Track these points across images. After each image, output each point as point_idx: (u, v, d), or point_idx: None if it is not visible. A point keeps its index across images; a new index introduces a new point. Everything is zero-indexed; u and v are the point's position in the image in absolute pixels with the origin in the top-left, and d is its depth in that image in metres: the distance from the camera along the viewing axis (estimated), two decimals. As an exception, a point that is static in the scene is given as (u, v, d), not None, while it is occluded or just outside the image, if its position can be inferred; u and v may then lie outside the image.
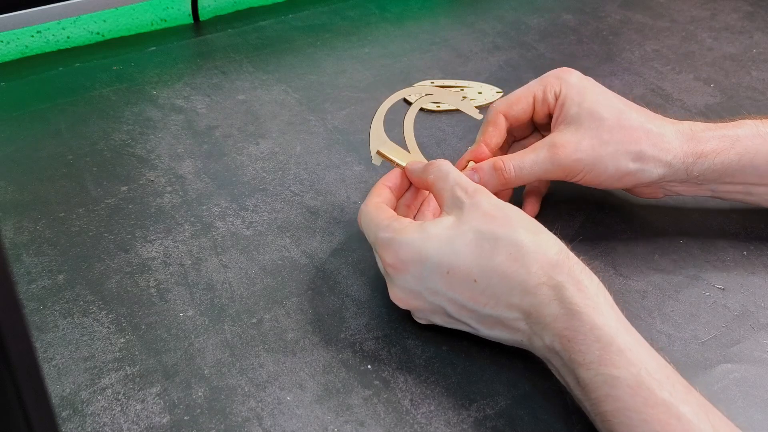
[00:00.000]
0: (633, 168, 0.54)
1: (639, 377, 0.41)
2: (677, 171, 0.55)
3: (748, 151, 0.54)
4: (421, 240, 0.47)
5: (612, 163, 0.54)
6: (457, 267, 0.46)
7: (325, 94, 0.77)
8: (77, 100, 0.76)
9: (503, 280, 0.45)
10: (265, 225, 0.61)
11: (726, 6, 0.92)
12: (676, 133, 0.55)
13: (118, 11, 0.86)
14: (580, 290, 0.44)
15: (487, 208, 0.47)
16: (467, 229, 0.47)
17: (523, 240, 0.45)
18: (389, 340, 0.52)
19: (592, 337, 0.42)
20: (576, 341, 0.43)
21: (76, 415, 0.47)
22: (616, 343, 0.42)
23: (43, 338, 0.51)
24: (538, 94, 0.57)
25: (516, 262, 0.45)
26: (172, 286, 0.55)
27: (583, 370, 0.42)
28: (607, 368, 0.41)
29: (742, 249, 0.59)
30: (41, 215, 0.61)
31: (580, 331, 0.43)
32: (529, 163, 0.55)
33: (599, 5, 0.92)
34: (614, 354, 0.41)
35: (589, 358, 0.42)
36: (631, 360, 0.41)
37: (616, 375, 0.41)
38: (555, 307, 0.44)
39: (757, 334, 0.52)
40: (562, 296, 0.44)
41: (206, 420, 0.46)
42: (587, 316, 0.43)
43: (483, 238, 0.46)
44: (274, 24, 0.89)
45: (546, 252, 0.45)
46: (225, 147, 0.69)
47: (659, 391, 0.40)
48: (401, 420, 0.47)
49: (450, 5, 0.94)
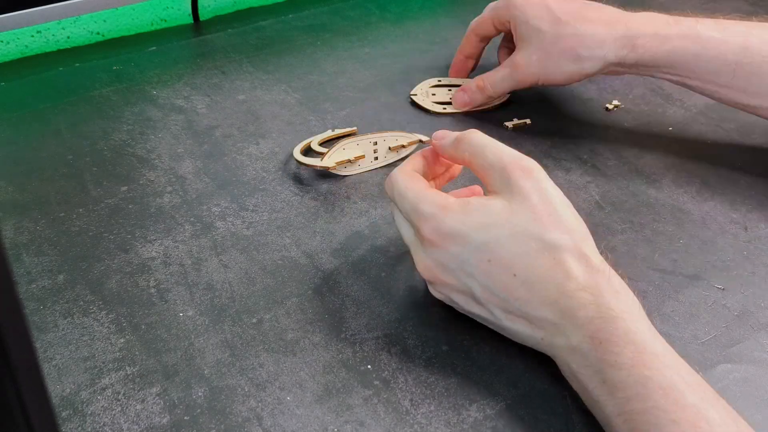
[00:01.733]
0: (575, 68, 0.66)
1: (672, 380, 0.41)
2: (612, 64, 0.66)
3: (676, 52, 0.64)
4: (467, 222, 0.47)
5: (557, 69, 0.67)
6: (500, 258, 0.46)
7: (325, 94, 0.77)
8: (77, 100, 0.76)
9: (543, 280, 0.45)
10: (265, 225, 0.61)
11: (726, 6, 0.92)
12: (609, 26, 0.65)
13: (118, 11, 0.86)
14: (616, 298, 0.44)
15: (535, 200, 0.47)
16: (516, 222, 0.46)
17: (569, 244, 0.46)
18: (389, 340, 0.52)
19: (626, 339, 0.43)
20: (610, 343, 0.43)
21: (76, 415, 0.47)
22: (650, 348, 0.42)
23: (43, 338, 0.51)
24: (494, 18, 0.72)
25: (559, 266, 0.45)
26: (172, 286, 0.55)
27: (614, 370, 0.42)
28: (639, 369, 0.42)
29: (741, 249, 0.59)
30: (41, 215, 0.61)
31: (615, 333, 0.43)
32: (499, 79, 0.70)
33: (599, 5, 0.92)
34: (648, 356, 0.42)
35: (621, 360, 0.42)
36: (665, 363, 0.42)
37: (648, 375, 0.41)
38: (592, 310, 0.44)
39: (757, 334, 0.52)
40: (600, 301, 0.44)
41: (206, 420, 0.46)
42: (623, 321, 0.43)
43: (530, 237, 0.46)
44: (274, 24, 0.89)
45: (588, 258, 0.46)
46: (225, 147, 0.69)
47: (690, 394, 0.41)
48: (401, 420, 0.47)
49: (450, 5, 0.94)
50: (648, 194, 0.64)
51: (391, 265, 0.57)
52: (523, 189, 0.47)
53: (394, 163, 0.67)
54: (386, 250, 0.58)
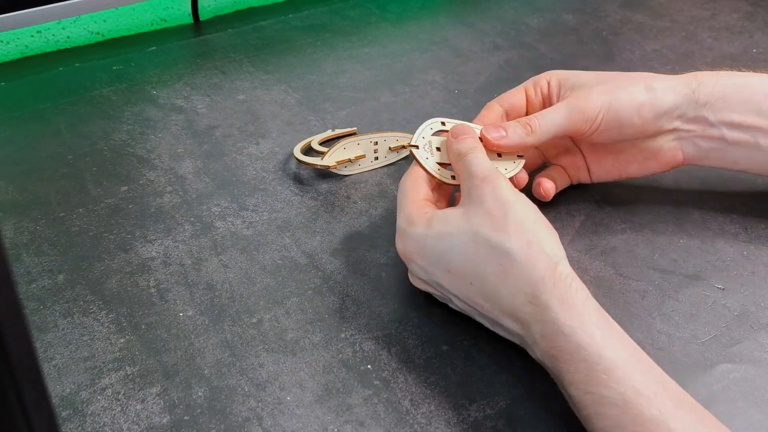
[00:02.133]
0: (647, 97, 0.55)
1: (626, 396, 0.40)
2: (687, 98, 0.56)
3: (744, 84, 0.57)
4: (426, 236, 0.49)
5: (627, 95, 0.55)
6: (456, 267, 0.47)
7: (325, 94, 0.77)
8: (77, 100, 0.76)
9: (495, 289, 0.46)
10: (265, 225, 0.61)
11: (726, 6, 0.92)
12: (672, 75, 0.58)
13: (118, 11, 0.86)
14: (564, 309, 0.43)
15: (490, 204, 0.47)
16: (467, 228, 0.47)
17: (513, 251, 0.45)
18: (389, 340, 0.52)
19: (578, 356, 0.42)
20: (562, 360, 0.43)
21: (76, 415, 0.47)
22: (603, 362, 0.42)
23: (43, 338, 0.51)
24: (528, 86, 0.59)
25: (505, 275, 0.46)
26: (172, 286, 0.55)
27: (573, 388, 0.43)
28: (595, 387, 0.41)
29: (742, 249, 0.59)
30: (41, 215, 0.61)
31: (566, 350, 0.43)
32: (550, 113, 0.55)
33: (599, 5, 0.92)
34: (601, 373, 0.41)
35: (576, 378, 0.42)
36: (619, 378, 0.41)
37: (604, 394, 0.41)
38: (540, 326, 0.44)
39: (757, 334, 0.52)
40: (547, 316, 0.44)
41: (206, 420, 0.46)
42: (572, 336, 0.43)
43: (479, 243, 0.46)
44: (274, 24, 0.89)
45: (534, 267, 0.45)
46: (225, 147, 0.69)
47: (648, 409, 0.40)
48: (401, 420, 0.47)
49: (450, 5, 0.94)
50: (648, 194, 0.64)
51: (391, 265, 0.57)
52: (480, 194, 0.48)
53: (395, 163, 0.67)
54: (386, 250, 0.58)
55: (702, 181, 0.65)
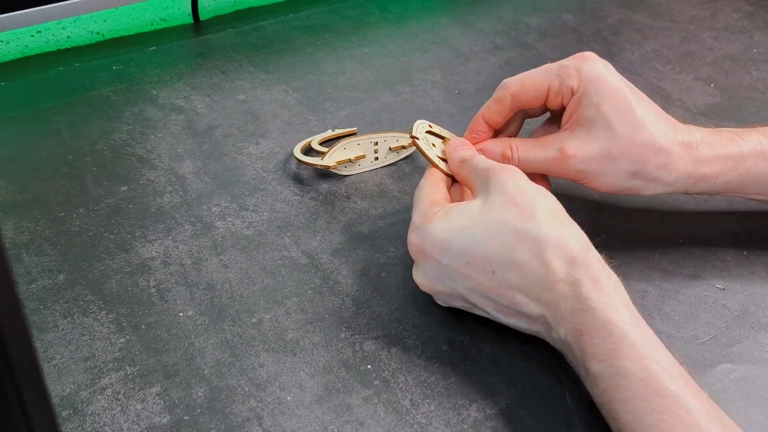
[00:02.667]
0: (633, 184, 0.54)
1: (650, 369, 0.41)
2: (677, 189, 0.55)
3: (750, 171, 0.54)
4: (444, 231, 0.48)
5: (614, 178, 0.54)
6: (477, 257, 0.47)
7: (325, 94, 0.77)
8: (77, 100, 0.76)
9: (522, 274, 0.46)
10: (265, 225, 0.61)
11: (726, 6, 0.92)
12: (682, 154, 0.53)
13: (118, 11, 0.86)
14: (596, 288, 0.44)
15: (513, 191, 0.47)
16: (490, 218, 0.47)
17: (546, 235, 0.46)
18: (389, 340, 0.52)
19: (605, 331, 0.43)
20: (589, 335, 0.43)
21: (76, 414, 0.47)
22: (629, 339, 0.42)
23: (43, 338, 0.51)
24: (553, 85, 0.54)
25: (536, 258, 0.45)
26: (172, 286, 0.55)
27: (595, 362, 0.43)
28: (618, 360, 0.42)
29: (742, 249, 0.59)
30: (41, 215, 0.61)
31: (594, 325, 0.43)
32: (537, 159, 0.54)
33: (599, 5, 0.92)
34: (627, 347, 0.42)
35: (601, 351, 0.42)
36: (644, 354, 0.42)
37: (627, 366, 0.41)
38: (571, 302, 0.44)
39: (757, 334, 0.52)
40: (579, 293, 0.44)
41: (206, 420, 0.46)
42: (601, 312, 0.43)
43: (506, 230, 0.46)
44: (274, 24, 0.89)
45: (567, 248, 0.45)
46: (225, 147, 0.69)
47: (670, 384, 0.41)
48: (401, 420, 0.47)
49: (450, 5, 0.94)
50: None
51: (391, 265, 0.57)
52: (500, 182, 0.48)
53: (395, 163, 0.67)
54: (386, 250, 0.58)
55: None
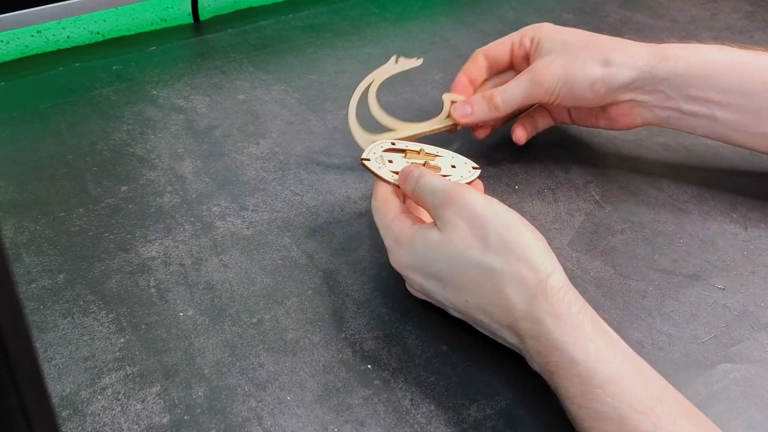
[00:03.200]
0: (601, 73, 0.59)
1: (621, 411, 0.40)
2: (644, 74, 0.59)
3: (709, 62, 0.58)
4: (414, 259, 0.49)
5: (581, 71, 0.59)
6: (452, 285, 0.48)
7: (325, 94, 0.77)
8: (77, 99, 0.76)
9: (492, 305, 0.46)
10: (265, 225, 0.61)
11: (726, 6, 0.92)
12: (640, 45, 0.60)
13: (118, 11, 0.86)
14: (558, 324, 0.43)
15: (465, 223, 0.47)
16: (452, 253, 0.47)
17: (503, 272, 0.45)
18: (389, 340, 0.52)
19: (572, 372, 0.42)
20: (558, 375, 0.43)
21: (77, 414, 0.47)
22: (598, 377, 0.41)
23: (43, 338, 0.51)
24: (515, 39, 0.63)
25: (498, 294, 0.46)
26: (172, 286, 0.55)
27: (569, 402, 0.43)
28: (590, 402, 0.42)
29: (742, 249, 0.59)
30: (41, 215, 0.61)
31: (561, 365, 0.43)
32: (512, 87, 0.60)
33: (599, 5, 0.92)
34: (596, 388, 0.41)
35: (572, 392, 0.42)
36: (614, 393, 0.41)
37: (599, 409, 0.41)
38: (535, 342, 0.44)
39: (757, 334, 0.52)
40: (540, 331, 0.44)
41: (206, 420, 0.46)
42: (566, 351, 0.42)
43: (466, 264, 0.47)
44: (274, 24, 0.89)
45: (525, 284, 0.44)
46: (225, 147, 0.69)
47: (643, 425, 0.40)
48: (401, 420, 0.47)
49: (450, 5, 0.94)
50: (648, 194, 0.64)
51: (391, 265, 0.57)
52: (450, 219, 0.47)
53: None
54: (386, 250, 0.58)
55: (702, 181, 0.65)
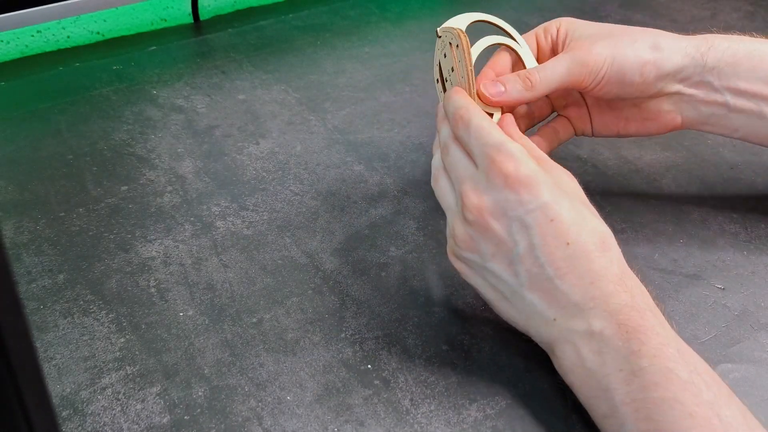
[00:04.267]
0: (652, 56, 0.55)
1: (691, 375, 0.42)
2: (694, 61, 0.55)
3: (756, 50, 0.55)
4: (545, 177, 0.46)
5: (631, 51, 0.54)
6: (562, 222, 0.45)
7: (325, 94, 0.77)
8: (77, 99, 0.76)
9: (590, 259, 0.46)
10: (265, 225, 0.61)
11: (726, 6, 0.92)
12: (683, 36, 0.57)
13: (118, 11, 0.86)
14: (645, 297, 0.46)
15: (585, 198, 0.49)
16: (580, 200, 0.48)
17: (611, 238, 0.47)
18: (389, 339, 0.52)
19: (653, 331, 0.43)
20: (638, 331, 0.43)
21: (77, 414, 0.47)
22: (674, 344, 0.43)
23: (43, 338, 0.51)
24: (539, 32, 0.59)
25: (608, 253, 0.46)
26: (172, 286, 0.55)
27: (636, 358, 0.43)
28: (662, 361, 0.42)
29: (742, 249, 0.59)
30: (41, 215, 0.61)
31: (644, 324, 0.44)
32: (551, 65, 0.54)
33: (599, 5, 0.92)
34: (671, 350, 0.43)
35: (646, 349, 0.43)
36: (686, 360, 0.43)
37: (670, 368, 0.42)
38: (625, 298, 0.45)
39: (757, 334, 0.52)
40: (634, 294, 0.45)
41: (206, 420, 0.46)
42: (652, 315, 0.44)
43: (589, 217, 0.47)
44: (274, 24, 0.89)
45: (619, 252, 0.47)
46: (225, 146, 0.69)
47: (707, 392, 0.41)
48: (401, 420, 0.47)
49: (450, 5, 0.94)
50: (648, 194, 0.64)
51: (391, 265, 0.57)
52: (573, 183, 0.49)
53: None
54: (386, 250, 0.58)
55: (702, 181, 0.65)
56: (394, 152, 0.69)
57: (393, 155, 0.68)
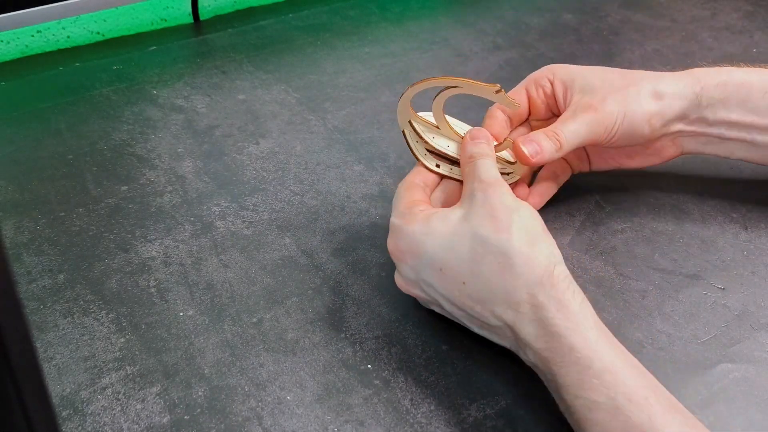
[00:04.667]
0: (656, 106, 0.56)
1: (616, 402, 0.41)
2: (692, 103, 0.57)
3: (744, 83, 0.57)
4: (422, 234, 0.48)
5: (638, 106, 0.56)
6: (450, 267, 0.47)
7: (325, 94, 0.77)
8: (77, 99, 0.76)
9: (488, 288, 0.46)
10: (265, 225, 0.61)
11: (726, 5, 0.92)
12: (674, 74, 0.58)
13: (118, 11, 0.86)
14: (560, 310, 0.44)
15: (494, 205, 0.47)
16: (467, 229, 0.47)
17: (514, 251, 0.45)
18: (389, 340, 0.52)
19: (570, 359, 0.42)
20: (555, 363, 0.43)
21: (77, 414, 0.47)
22: (595, 366, 0.42)
23: (43, 338, 0.51)
24: (529, 86, 0.59)
25: (502, 274, 0.45)
26: (172, 286, 0.55)
27: (564, 392, 0.43)
28: (586, 392, 0.42)
29: (742, 249, 0.59)
30: (41, 215, 0.61)
31: (558, 352, 0.43)
32: (573, 126, 0.55)
33: (599, 5, 0.92)
34: (592, 377, 0.42)
35: (568, 381, 0.42)
36: (609, 383, 0.41)
37: (594, 399, 0.41)
38: (535, 326, 0.44)
39: (757, 333, 0.52)
40: (542, 316, 0.44)
41: (206, 419, 0.46)
42: (566, 338, 0.43)
43: (477, 242, 0.46)
44: (274, 24, 0.89)
45: (533, 268, 0.45)
46: (225, 146, 0.69)
47: (637, 415, 0.40)
48: (401, 420, 0.47)
49: (450, 5, 0.94)
50: (648, 194, 0.64)
51: (391, 265, 0.57)
52: (486, 197, 0.48)
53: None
54: (386, 250, 0.58)
55: (702, 180, 0.65)
56: (394, 152, 0.69)
57: (393, 155, 0.68)
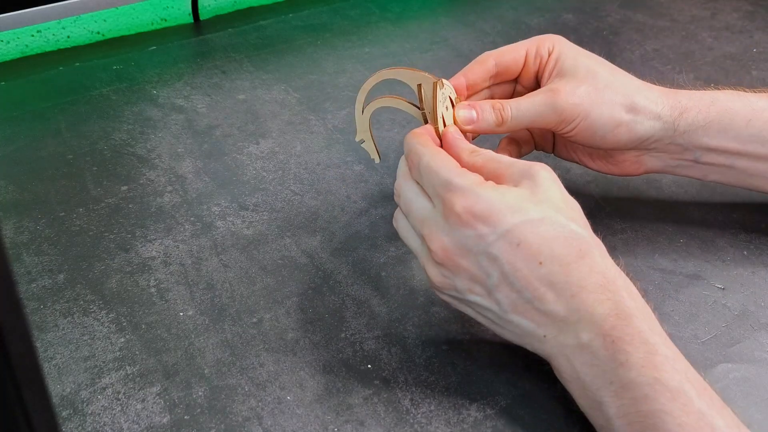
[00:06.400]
0: (627, 119, 0.54)
1: (680, 384, 0.41)
2: (666, 125, 0.55)
3: (727, 110, 0.55)
4: (500, 202, 0.45)
5: (607, 110, 0.54)
6: (529, 243, 0.44)
7: (326, 94, 0.77)
8: (77, 99, 0.76)
9: (565, 272, 0.44)
10: (265, 225, 0.61)
11: (726, 5, 0.92)
12: (660, 91, 0.56)
13: (118, 11, 0.86)
14: (632, 298, 0.44)
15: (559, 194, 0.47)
16: (545, 209, 0.45)
17: (590, 240, 0.46)
18: (389, 339, 0.52)
19: (639, 339, 0.43)
20: (623, 341, 0.43)
21: (77, 414, 0.47)
22: (662, 351, 0.42)
23: (43, 338, 0.51)
24: (530, 49, 0.57)
25: (585, 258, 0.45)
26: (173, 286, 0.55)
27: (624, 369, 0.42)
28: (649, 371, 0.42)
29: (742, 249, 0.59)
30: (41, 215, 0.61)
31: (629, 333, 0.43)
32: (526, 104, 0.54)
33: (599, 5, 0.92)
34: (659, 358, 0.42)
35: (632, 360, 0.42)
36: (675, 367, 0.42)
37: (657, 378, 0.41)
38: (608, 307, 0.44)
39: (757, 333, 0.52)
40: (617, 298, 0.44)
41: (206, 419, 0.46)
42: (637, 320, 0.43)
43: (559, 224, 0.45)
44: (274, 23, 0.89)
45: (605, 256, 0.46)
46: (225, 146, 0.69)
47: (697, 400, 0.41)
48: (401, 420, 0.47)
49: (450, 5, 0.94)
50: (648, 194, 0.64)
51: (391, 265, 0.57)
52: (546, 180, 0.47)
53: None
54: (386, 250, 0.58)
55: (702, 181, 0.65)
56: (394, 152, 0.69)
57: (393, 155, 0.68)
